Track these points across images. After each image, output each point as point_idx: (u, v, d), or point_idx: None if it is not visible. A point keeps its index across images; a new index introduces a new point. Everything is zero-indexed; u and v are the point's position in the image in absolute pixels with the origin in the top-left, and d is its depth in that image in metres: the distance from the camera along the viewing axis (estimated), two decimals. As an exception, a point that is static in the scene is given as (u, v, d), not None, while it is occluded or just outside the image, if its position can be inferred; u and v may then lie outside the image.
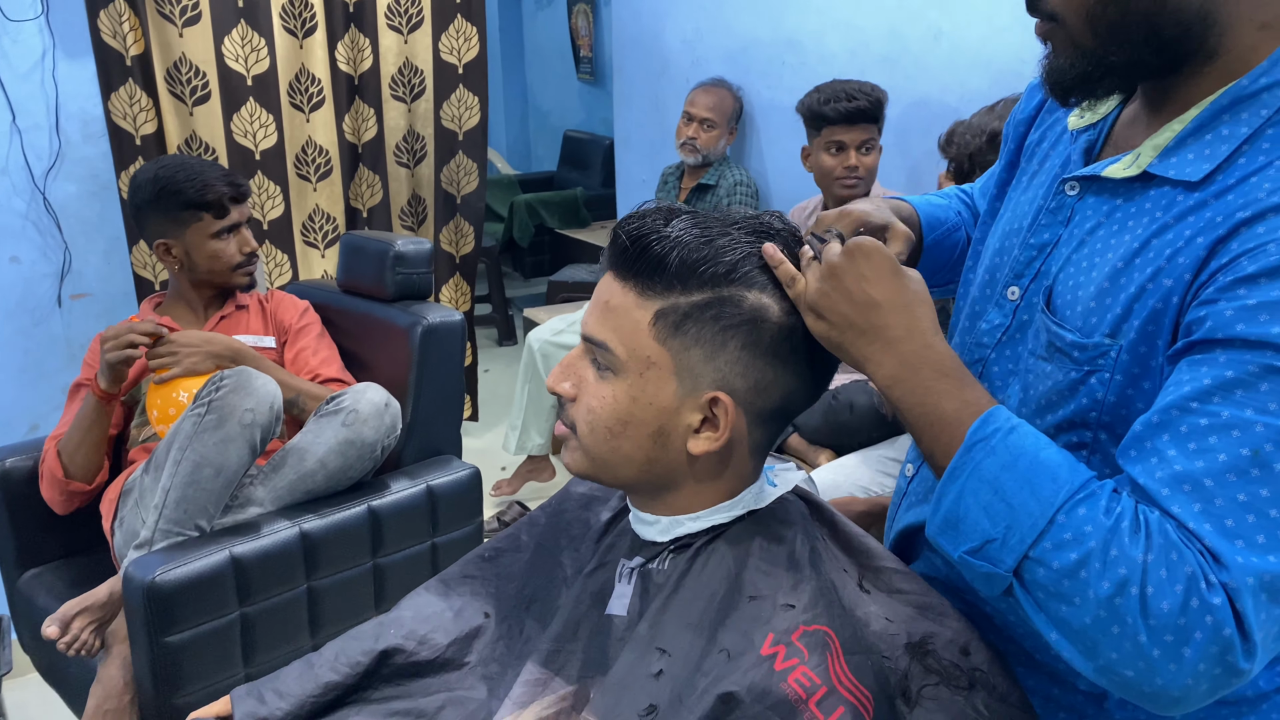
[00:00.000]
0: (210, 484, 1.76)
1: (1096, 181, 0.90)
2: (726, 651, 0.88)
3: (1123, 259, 0.84)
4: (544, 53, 6.36)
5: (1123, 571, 0.72)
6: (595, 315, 0.95)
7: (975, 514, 0.79)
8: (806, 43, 3.08)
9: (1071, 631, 0.75)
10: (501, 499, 3.30)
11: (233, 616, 1.77)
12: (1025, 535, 0.76)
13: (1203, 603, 0.70)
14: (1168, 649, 0.71)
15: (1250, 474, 0.71)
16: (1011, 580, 0.78)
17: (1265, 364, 0.72)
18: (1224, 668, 0.70)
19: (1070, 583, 0.74)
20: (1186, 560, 0.71)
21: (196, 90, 2.86)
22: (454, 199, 3.49)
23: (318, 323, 2.27)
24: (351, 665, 1.10)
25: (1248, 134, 0.79)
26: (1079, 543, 0.74)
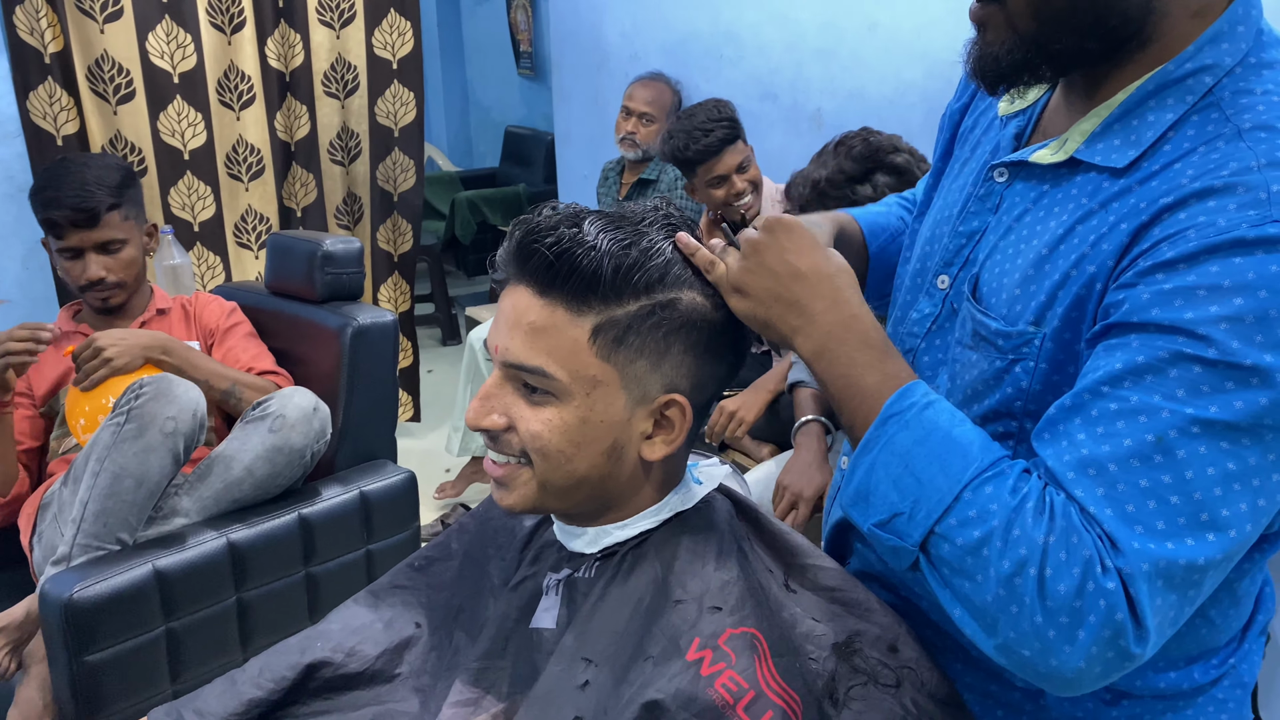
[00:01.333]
0: (131, 495, 1.71)
1: (1025, 168, 0.89)
2: (652, 658, 0.86)
3: (1047, 245, 0.83)
4: (484, 48, 6.30)
5: (1023, 552, 0.72)
6: (520, 340, 0.87)
7: (885, 487, 0.79)
8: (744, 35, 3.07)
9: (973, 608, 0.75)
10: (445, 502, 3.25)
11: (157, 632, 1.72)
12: (931, 510, 0.77)
13: (1097, 587, 0.70)
14: (1063, 630, 0.71)
15: (1154, 460, 0.71)
16: (918, 554, 0.78)
17: (1176, 350, 0.71)
18: (1116, 651, 0.71)
19: (973, 560, 0.74)
20: (1085, 544, 0.71)
21: (120, 89, 2.78)
22: (391, 197, 3.44)
23: (246, 323, 2.22)
24: (276, 680, 1.06)
25: (1173, 120, 0.78)
26: (982, 520, 0.74)
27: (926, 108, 2.55)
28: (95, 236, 2.02)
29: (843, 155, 1.90)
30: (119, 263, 2.07)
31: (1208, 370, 0.70)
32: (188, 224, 2.99)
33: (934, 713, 0.88)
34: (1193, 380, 0.70)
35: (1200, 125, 0.77)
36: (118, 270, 2.06)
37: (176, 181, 2.94)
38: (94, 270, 2.03)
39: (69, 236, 2.01)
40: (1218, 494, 0.70)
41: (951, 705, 0.90)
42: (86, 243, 2.02)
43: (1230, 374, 0.69)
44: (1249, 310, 0.69)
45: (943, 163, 1.11)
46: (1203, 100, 0.78)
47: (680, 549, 0.93)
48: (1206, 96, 0.78)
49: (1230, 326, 0.69)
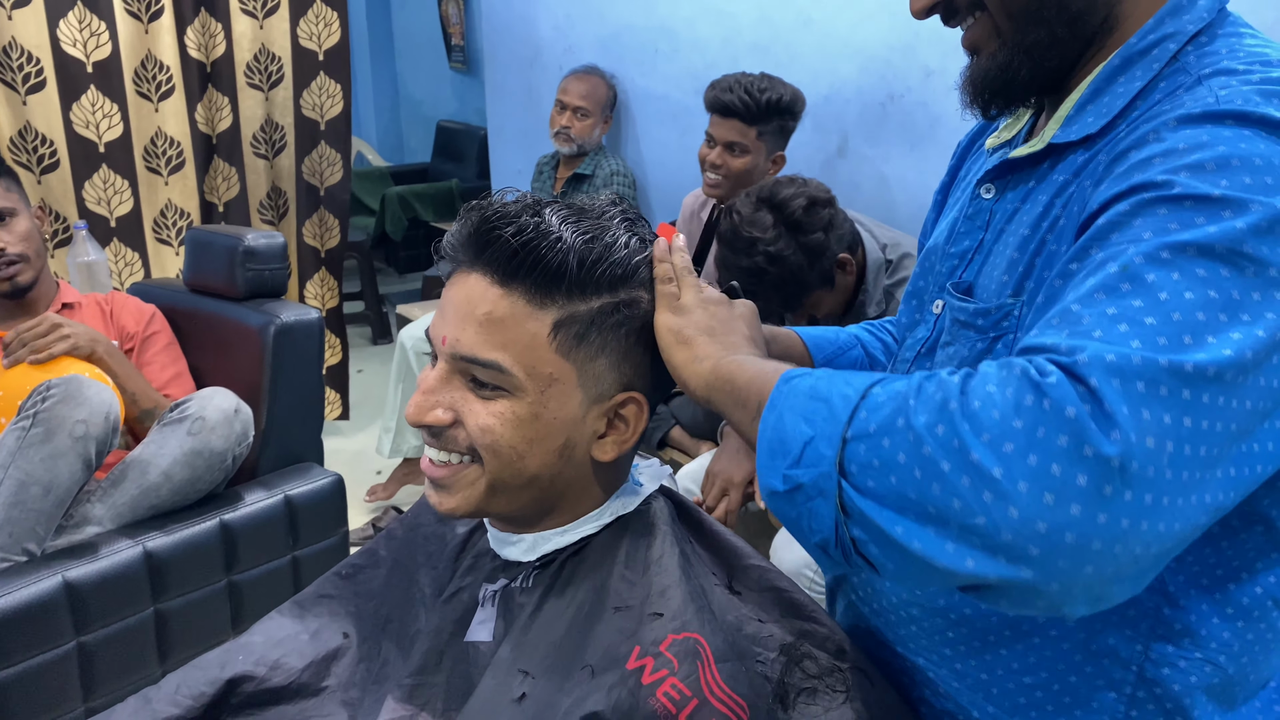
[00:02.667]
0: (38, 504, 1.63)
1: (1012, 173, 0.88)
2: (590, 668, 0.82)
3: (1029, 226, 0.82)
4: (414, 41, 6.22)
5: (939, 395, 0.63)
6: (473, 331, 0.83)
7: (793, 423, 0.70)
8: (679, 29, 3.05)
9: (910, 502, 0.62)
10: (376, 504, 3.19)
11: (68, 648, 1.64)
12: (840, 416, 0.67)
13: (1037, 392, 0.59)
14: (1010, 461, 0.59)
15: (1120, 289, 0.63)
16: (839, 481, 0.66)
17: (1137, 201, 0.67)
18: (1085, 464, 0.58)
19: (890, 439, 0.63)
20: (1015, 365, 0.62)
21: (30, 77, 2.67)
22: (317, 191, 3.36)
23: (166, 331, 2.13)
24: (194, 697, 1.01)
25: (1140, 87, 0.77)
26: (891, 397, 0.65)
27: (861, 103, 2.55)
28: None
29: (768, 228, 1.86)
30: (14, 234, 1.99)
31: (1174, 207, 0.64)
32: (104, 219, 2.88)
33: (884, 717, 0.86)
34: (1159, 220, 0.64)
35: (1168, 89, 0.76)
36: (15, 241, 1.98)
37: (91, 175, 2.83)
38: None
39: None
40: (1201, 319, 0.61)
41: (900, 708, 0.89)
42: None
43: (1199, 207, 0.64)
44: (1209, 160, 0.65)
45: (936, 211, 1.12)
46: (1168, 67, 0.77)
47: (620, 554, 0.90)
48: (1172, 62, 0.77)
49: (1192, 173, 0.65)
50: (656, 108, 3.22)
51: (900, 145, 2.50)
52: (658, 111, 3.22)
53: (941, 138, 2.40)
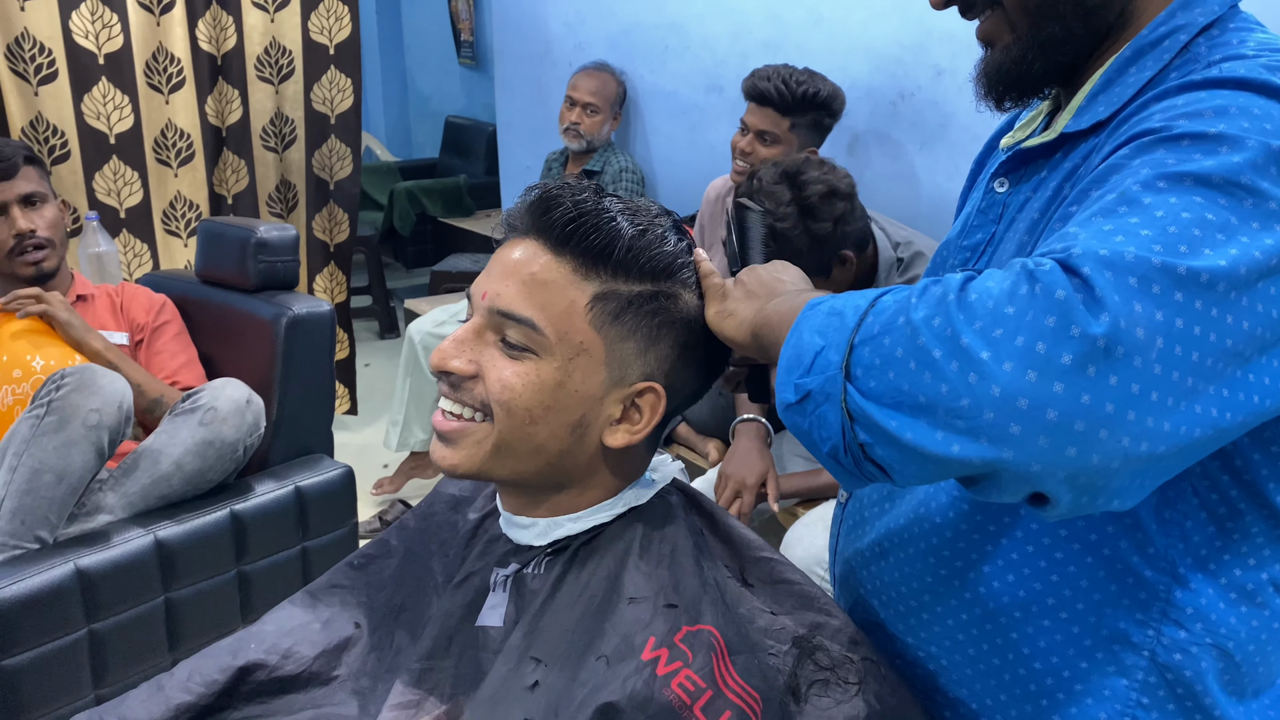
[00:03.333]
0: (51, 491, 1.64)
1: (1026, 166, 0.89)
2: (605, 658, 0.82)
3: (1039, 210, 0.83)
4: (424, 36, 6.22)
5: (938, 290, 0.64)
6: (515, 288, 0.85)
7: (809, 338, 0.71)
8: (689, 26, 3.05)
9: (904, 396, 0.63)
10: (383, 498, 3.20)
11: (79, 635, 1.65)
12: (849, 323, 0.68)
13: (1031, 279, 0.61)
14: (997, 343, 0.60)
15: (1117, 211, 0.64)
16: (841, 383, 0.67)
17: (1135, 145, 0.68)
18: (1071, 342, 0.59)
19: (890, 336, 0.65)
20: (1015, 262, 0.63)
21: (42, 69, 2.68)
22: (327, 185, 3.36)
23: (176, 321, 2.15)
24: (207, 684, 1.01)
25: (1150, 76, 0.78)
26: (896, 301, 0.67)
27: (871, 103, 2.56)
28: (15, 188, 1.99)
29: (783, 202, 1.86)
30: (44, 219, 2.03)
31: (1171, 146, 0.66)
32: (114, 210, 2.89)
33: (896, 707, 0.87)
34: (1157, 158, 0.66)
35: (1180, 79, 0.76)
36: (44, 226, 2.02)
37: (102, 166, 2.84)
38: (23, 222, 1.99)
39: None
40: (1196, 234, 0.61)
41: (911, 701, 0.90)
42: (9, 195, 1.98)
43: (1196, 144, 0.65)
44: (1207, 108, 0.67)
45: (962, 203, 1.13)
46: (1179, 57, 0.78)
47: (634, 544, 0.90)
48: (1182, 53, 0.78)
49: (1190, 119, 0.67)
50: (666, 105, 3.23)
51: (911, 144, 2.50)
52: (667, 108, 3.23)
53: (952, 137, 2.40)
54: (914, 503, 0.90)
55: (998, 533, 0.84)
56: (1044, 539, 0.82)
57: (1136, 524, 0.78)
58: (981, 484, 0.65)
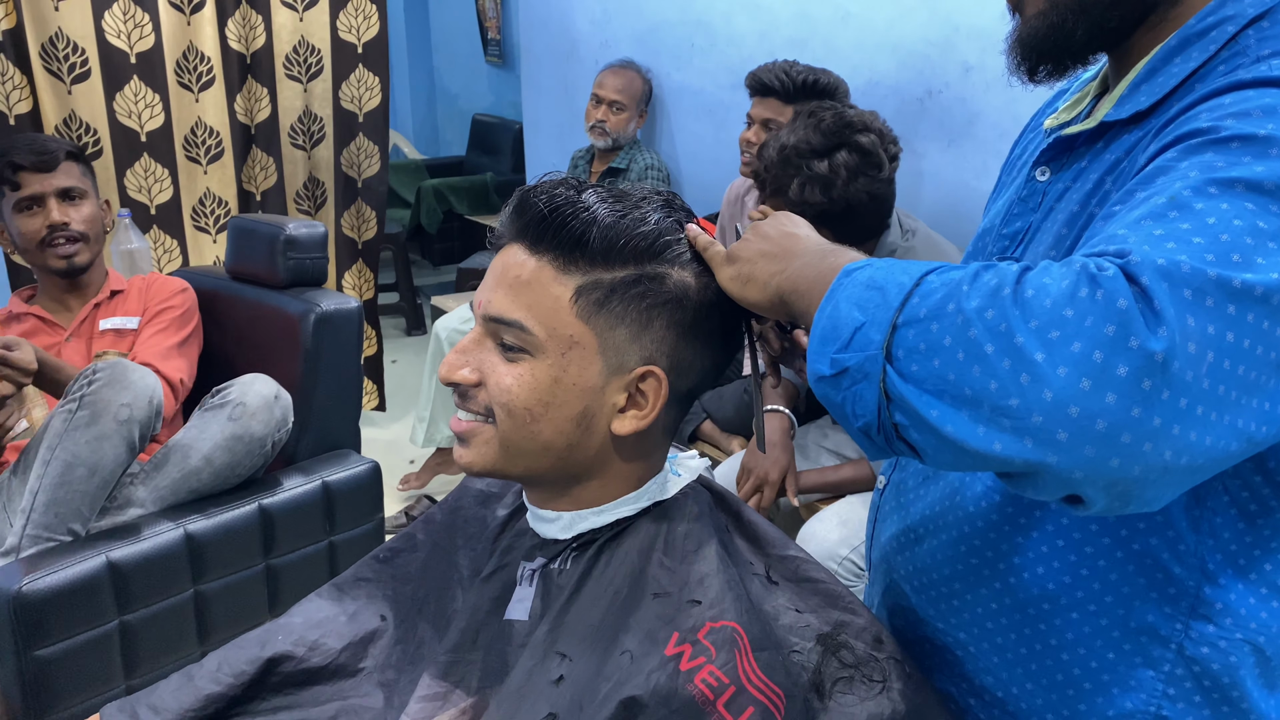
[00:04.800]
0: (83, 485, 1.66)
1: (1067, 154, 0.87)
2: (629, 653, 0.83)
3: (1078, 203, 0.82)
4: (451, 35, 6.23)
5: (993, 281, 0.63)
6: (503, 293, 0.87)
7: (847, 310, 0.70)
8: (716, 24, 3.04)
9: (948, 384, 0.63)
10: (409, 493, 3.21)
11: (111, 626, 1.67)
12: (891, 302, 0.67)
13: (1093, 283, 0.60)
14: (1053, 346, 0.59)
15: (1168, 216, 0.63)
16: (884, 367, 0.66)
17: (1185, 147, 0.67)
18: (1129, 355, 0.58)
19: (939, 323, 0.64)
20: (1075, 260, 0.62)
21: (75, 68, 2.71)
22: (355, 183, 3.38)
23: (180, 308, 2.16)
24: (235, 675, 1.03)
25: (1194, 67, 0.76)
26: (945, 284, 0.65)
27: (898, 100, 2.54)
28: (55, 181, 2.01)
29: (810, 126, 1.86)
30: (80, 214, 2.05)
31: (1221, 148, 0.65)
32: (144, 207, 2.92)
33: (921, 706, 0.86)
34: (1207, 161, 0.65)
35: (1227, 72, 0.74)
36: (79, 220, 2.04)
37: (133, 164, 2.87)
38: (57, 214, 2.01)
39: (28, 184, 1.99)
40: (1249, 243, 0.61)
41: (937, 701, 0.89)
42: (48, 188, 2.00)
43: (1246, 146, 0.64)
44: (1255, 107, 0.66)
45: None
46: (1226, 49, 0.76)
47: (658, 540, 0.91)
48: (1230, 44, 0.76)
49: (1238, 119, 0.66)
50: (692, 102, 3.22)
51: (937, 141, 2.48)
52: (693, 106, 3.22)
53: (979, 134, 2.38)
54: (948, 490, 0.90)
55: (1029, 525, 0.84)
56: (1074, 533, 0.82)
57: (1168, 521, 0.78)
58: (1018, 479, 0.65)
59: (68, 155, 2.04)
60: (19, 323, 2.07)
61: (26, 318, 2.07)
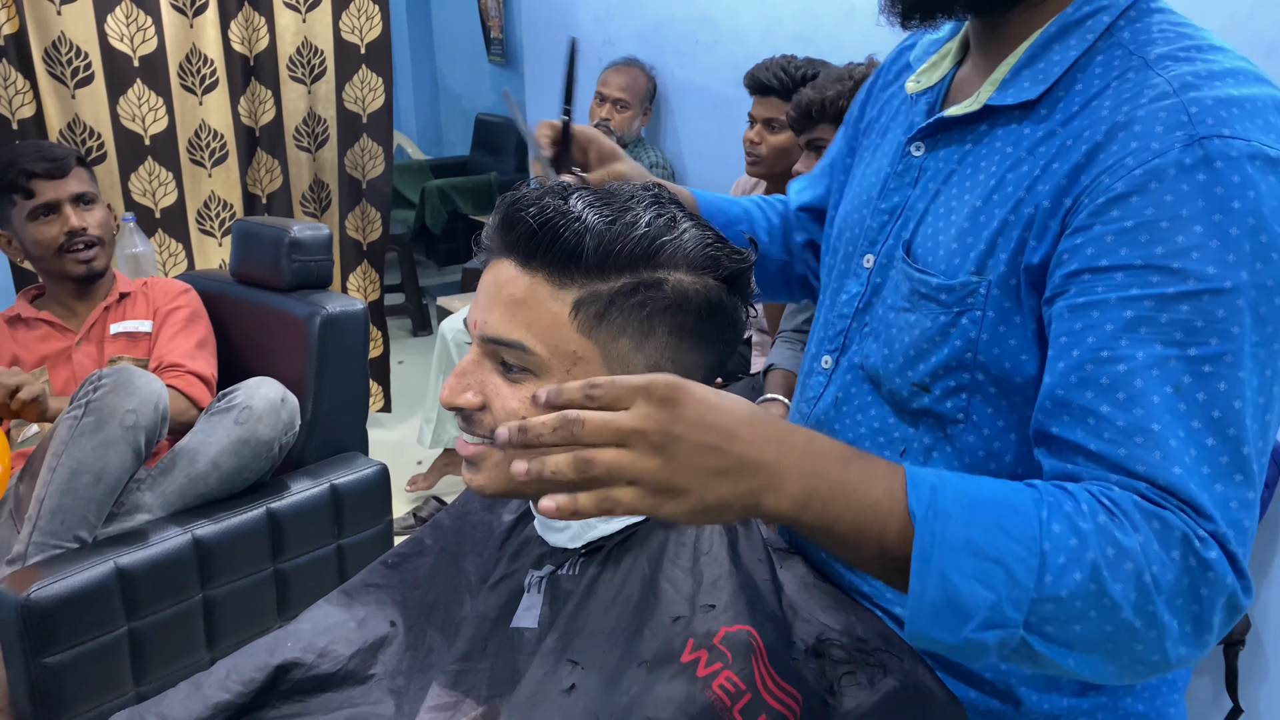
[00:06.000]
0: (90, 491, 1.65)
1: (944, 133, 0.91)
2: (646, 663, 0.82)
3: (981, 198, 0.85)
4: (453, 34, 6.23)
5: (1129, 566, 0.70)
6: (499, 313, 0.84)
7: (968, 586, 0.70)
8: (720, 20, 3.03)
9: (1091, 645, 0.72)
10: (417, 494, 3.21)
11: (120, 633, 1.66)
12: (1025, 582, 0.70)
13: (1201, 562, 0.70)
14: (1185, 616, 0.71)
15: (1179, 409, 0.72)
16: (1021, 634, 0.71)
17: (1156, 295, 0.72)
18: (1231, 613, 0.72)
19: (1083, 602, 0.70)
20: (1172, 525, 0.70)
21: (78, 71, 2.70)
22: (359, 184, 3.37)
23: (188, 307, 2.16)
24: (244, 683, 1.02)
25: (1076, 56, 0.83)
26: (1077, 561, 0.70)
27: (905, 93, 2.52)
28: (69, 187, 2.02)
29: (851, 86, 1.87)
30: (94, 219, 2.06)
31: (1195, 305, 0.71)
32: (149, 211, 2.91)
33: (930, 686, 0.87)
34: (1185, 320, 0.72)
35: (1107, 63, 0.81)
36: (95, 225, 2.05)
37: (137, 167, 2.86)
38: (75, 220, 2.02)
39: (42, 191, 1.99)
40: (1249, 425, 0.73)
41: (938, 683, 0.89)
42: (62, 193, 2.01)
43: (1217, 301, 0.71)
44: (1213, 234, 0.71)
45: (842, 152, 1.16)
46: (1102, 39, 0.83)
47: (669, 543, 0.89)
48: (1106, 35, 0.83)
49: (1201, 254, 0.71)
50: (696, 99, 3.20)
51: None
52: (698, 103, 3.21)
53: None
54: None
55: None
56: None
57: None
58: None
59: (77, 161, 2.05)
60: (28, 327, 2.06)
61: (36, 323, 2.07)
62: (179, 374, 2.01)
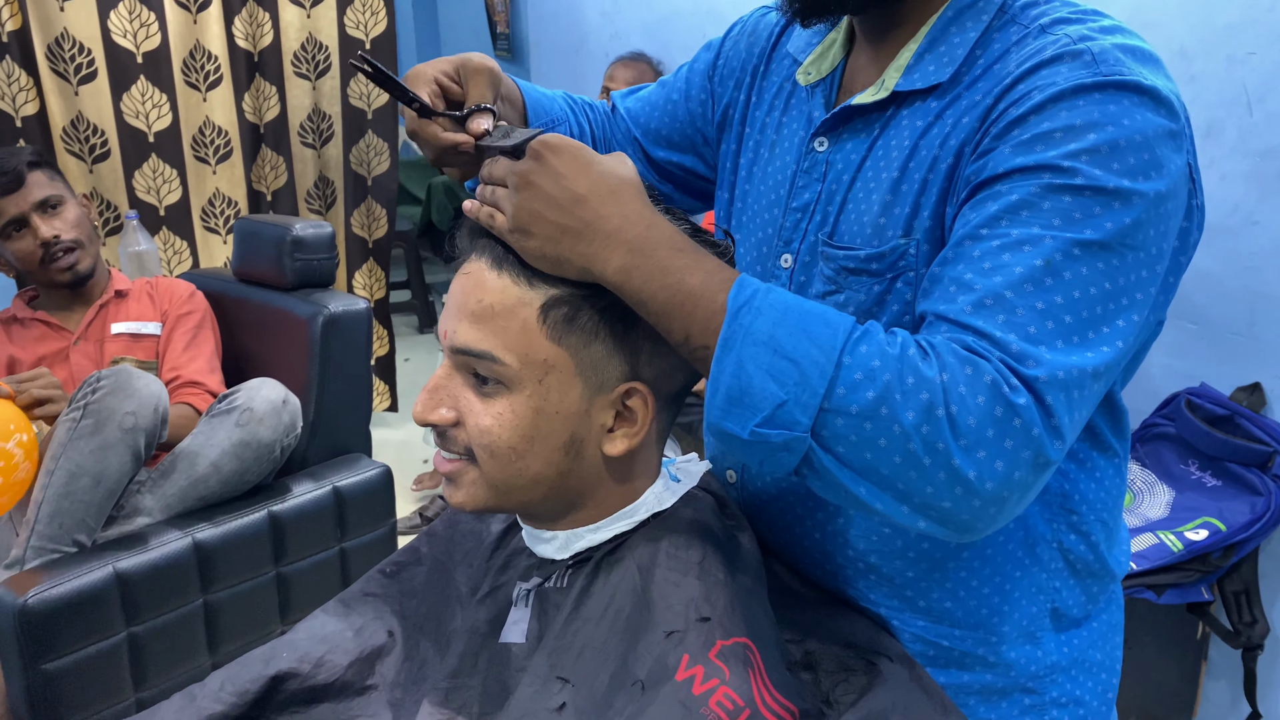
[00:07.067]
0: (88, 495, 1.63)
1: (849, 122, 0.91)
2: (640, 683, 0.79)
3: (898, 169, 0.86)
4: (459, 29, 6.20)
5: (925, 396, 0.69)
6: (468, 322, 0.82)
7: (760, 380, 0.72)
8: (727, 13, 3.00)
9: (881, 477, 0.71)
10: (423, 493, 3.19)
11: (119, 638, 1.65)
12: (816, 386, 0.71)
13: (1008, 407, 0.69)
14: (982, 465, 0.69)
15: (1044, 283, 0.73)
16: (809, 443, 0.72)
17: (1044, 184, 0.74)
18: (1039, 469, 0.71)
19: (873, 424, 0.70)
20: (984, 370, 0.70)
21: (81, 68, 2.69)
22: (365, 181, 3.36)
23: (199, 312, 2.14)
24: (239, 694, 1.00)
25: (976, 37, 0.85)
26: (872, 379, 0.71)
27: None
28: (29, 196, 1.97)
29: None
30: (66, 221, 2.01)
31: (1077, 197, 0.74)
32: (153, 208, 2.90)
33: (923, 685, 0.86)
34: (1065, 208, 0.74)
35: (1004, 38, 0.84)
36: (68, 228, 2.01)
37: (141, 164, 2.85)
38: (45, 230, 1.98)
39: (4, 209, 1.95)
40: (1099, 312, 0.74)
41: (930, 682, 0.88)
42: (24, 205, 1.96)
43: (1097, 198, 0.74)
44: (1102, 143, 0.74)
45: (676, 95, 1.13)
46: (997, 19, 0.85)
47: (660, 554, 0.86)
48: (999, 15, 0.85)
49: (1090, 158, 0.74)
50: (704, 94, 3.18)
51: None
52: (705, 97, 3.18)
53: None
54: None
55: None
56: None
57: None
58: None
59: (30, 166, 1.98)
60: (24, 328, 2.05)
61: (32, 323, 2.06)
62: (199, 392, 1.99)
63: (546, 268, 0.80)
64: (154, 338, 2.08)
